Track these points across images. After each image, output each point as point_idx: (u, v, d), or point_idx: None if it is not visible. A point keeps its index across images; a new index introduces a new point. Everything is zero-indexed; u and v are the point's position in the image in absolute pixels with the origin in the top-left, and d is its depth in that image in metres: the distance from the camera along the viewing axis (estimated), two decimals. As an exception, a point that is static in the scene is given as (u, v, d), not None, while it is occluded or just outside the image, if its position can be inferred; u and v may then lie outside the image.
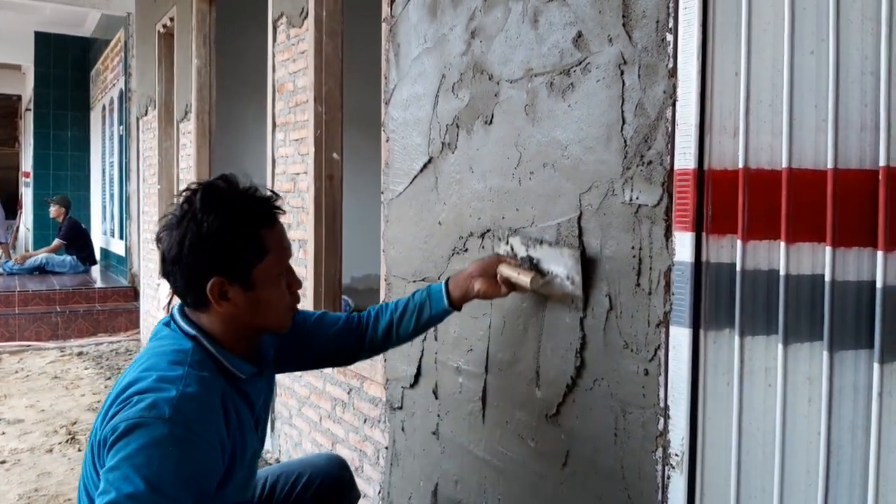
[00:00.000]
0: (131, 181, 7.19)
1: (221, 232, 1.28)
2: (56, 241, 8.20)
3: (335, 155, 2.87)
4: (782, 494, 1.23)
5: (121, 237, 7.91)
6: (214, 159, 4.56)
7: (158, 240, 1.34)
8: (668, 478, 1.39)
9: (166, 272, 1.34)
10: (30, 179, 10.51)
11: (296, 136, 3.11)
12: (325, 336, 1.72)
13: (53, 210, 8.27)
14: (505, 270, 1.67)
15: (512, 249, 1.79)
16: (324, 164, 2.89)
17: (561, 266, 1.65)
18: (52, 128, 9.95)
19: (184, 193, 1.34)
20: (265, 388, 1.50)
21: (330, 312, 1.81)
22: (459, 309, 1.74)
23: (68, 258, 8.07)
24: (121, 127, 7.68)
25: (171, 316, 1.39)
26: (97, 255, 8.67)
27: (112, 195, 8.45)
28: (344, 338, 1.74)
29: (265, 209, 1.35)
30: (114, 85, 8.10)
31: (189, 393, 1.22)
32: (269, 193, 1.38)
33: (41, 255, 8.11)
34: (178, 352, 1.30)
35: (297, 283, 1.42)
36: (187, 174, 4.78)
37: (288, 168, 3.22)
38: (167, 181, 5.41)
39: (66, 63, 9.87)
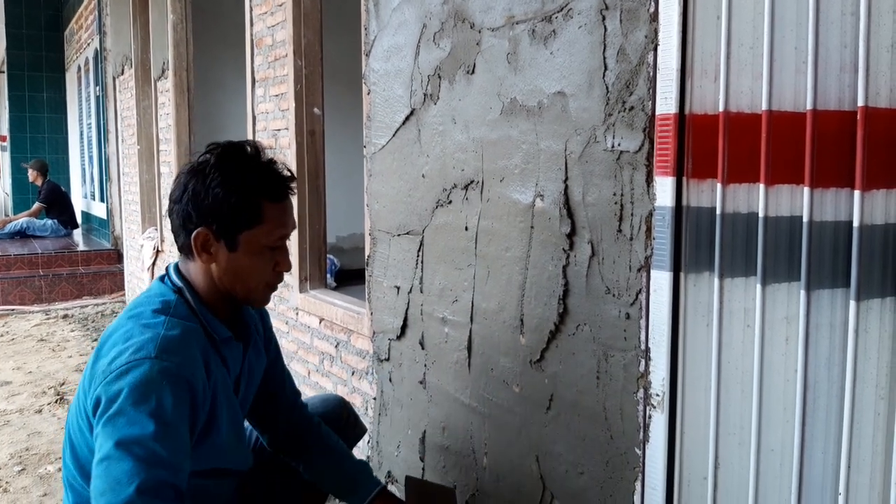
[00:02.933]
0: (110, 142, 7.08)
1: (222, 186, 1.31)
2: (36, 205, 8.10)
3: (316, 110, 2.85)
4: (760, 430, 1.27)
5: (102, 200, 7.82)
6: (194, 117, 4.50)
7: (174, 180, 1.39)
8: (650, 417, 1.43)
9: (168, 210, 1.38)
10: (6, 143, 10.31)
11: (276, 91, 3.08)
12: (276, 368, 1.68)
13: (31, 175, 8.15)
14: None
15: None
16: (305, 120, 2.87)
17: None
18: (28, 90, 9.74)
19: (206, 148, 1.38)
20: (247, 363, 1.50)
21: (301, 397, 1.76)
22: None
23: (49, 222, 7.98)
24: (97, 87, 7.53)
25: (166, 269, 1.43)
26: (78, 219, 8.58)
27: (91, 157, 8.33)
28: (278, 389, 1.69)
29: (275, 183, 1.37)
30: (88, 44, 7.91)
31: (170, 335, 1.27)
32: (287, 173, 1.40)
33: (21, 220, 8.02)
34: (163, 302, 1.34)
35: (286, 265, 1.41)
36: (167, 133, 4.72)
37: (269, 124, 3.19)
38: (146, 141, 5.34)
39: (38, 23, 9.61)
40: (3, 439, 3.19)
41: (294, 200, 3.11)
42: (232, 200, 1.31)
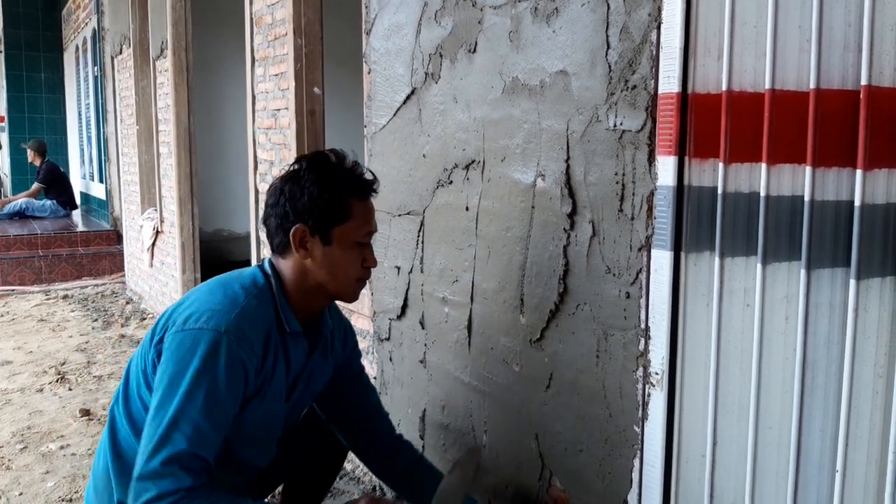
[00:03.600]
0: (109, 123, 7.05)
1: (316, 187, 1.44)
2: (35, 186, 8.09)
3: (316, 89, 2.84)
4: (758, 408, 1.28)
5: (101, 181, 7.80)
6: (193, 98, 4.47)
7: (266, 193, 1.54)
8: (649, 395, 1.44)
9: (265, 218, 1.52)
10: (4, 123, 10.27)
11: (275, 70, 3.06)
12: (348, 393, 1.76)
13: (29, 155, 8.13)
14: None
15: None
16: (304, 99, 2.86)
17: None
18: (25, 70, 9.69)
19: (297, 159, 1.53)
20: (309, 365, 1.58)
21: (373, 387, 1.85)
22: None
23: (48, 202, 7.97)
24: (95, 67, 7.48)
25: (262, 260, 1.57)
26: (77, 200, 8.57)
27: (90, 138, 8.29)
28: (358, 411, 1.77)
29: (360, 183, 1.51)
30: (86, 24, 7.86)
31: (245, 315, 1.38)
32: (370, 176, 1.54)
33: (20, 200, 8.01)
34: (252, 281, 1.47)
35: (373, 261, 1.53)
36: (166, 113, 4.70)
37: (268, 104, 3.18)
38: (145, 121, 5.32)
39: (36, 2, 9.54)
40: (4, 418, 3.21)
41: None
42: (326, 197, 1.44)
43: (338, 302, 1.63)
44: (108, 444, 1.48)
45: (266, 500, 1.94)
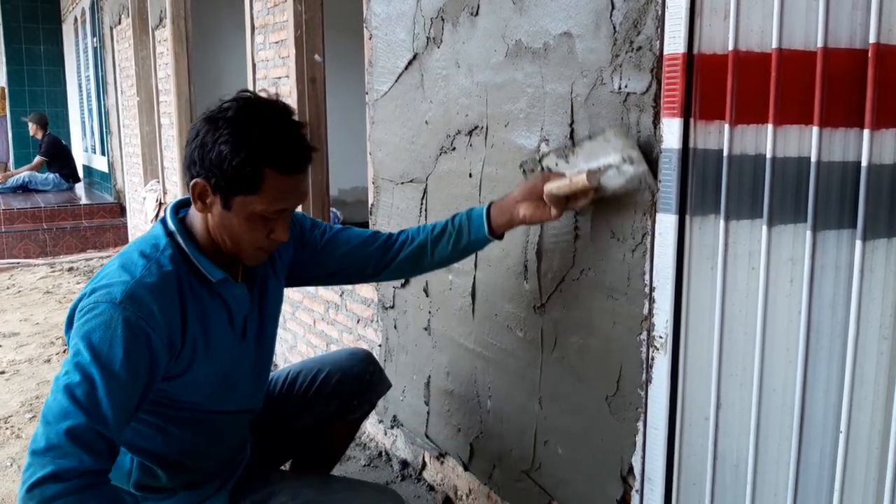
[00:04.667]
0: (109, 95, 7.01)
1: (228, 146, 1.24)
2: (37, 159, 8.07)
3: (317, 56, 2.81)
4: (762, 370, 1.28)
5: (103, 153, 7.78)
6: (193, 67, 4.44)
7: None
8: (653, 359, 1.44)
9: (184, 151, 1.35)
10: (5, 93, 10.21)
11: (275, 38, 3.03)
12: (340, 251, 1.66)
13: (31, 129, 8.10)
14: (552, 186, 1.47)
15: (550, 172, 1.59)
16: (305, 67, 2.83)
17: (611, 153, 1.43)
18: (24, 42, 9.62)
19: (239, 93, 1.31)
20: (255, 301, 1.50)
21: (354, 228, 1.71)
22: (501, 237, 1.62)
23: (51, 176, 7.96)
24: (94, 39, 7.42)
25: (166, 211, 1.41)
26: (80, 173, 8.55)
27: (91, 110, 8.25)
28: (365, 251, 1.66)
29: (287, 154, 1.28)
30: (84, -6, 7.78)
31: (144, 282, 1.26)
32: (308, 145, 1.32)
33: (23, 174, 8.00)
34: (153, 245, 1.34)
35: (282, 236, 1.36)
36: (166, 84, 4.66)
37: (269, 72, 3.15)
38: (146, 92, 5.29)
39: (32, -28, 9.45)
40: (13, 388, 3.24)
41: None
42: (235, 162, 1.24)
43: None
44: None
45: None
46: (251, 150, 1.24)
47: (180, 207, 1.44)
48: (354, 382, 1.82)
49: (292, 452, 1.90)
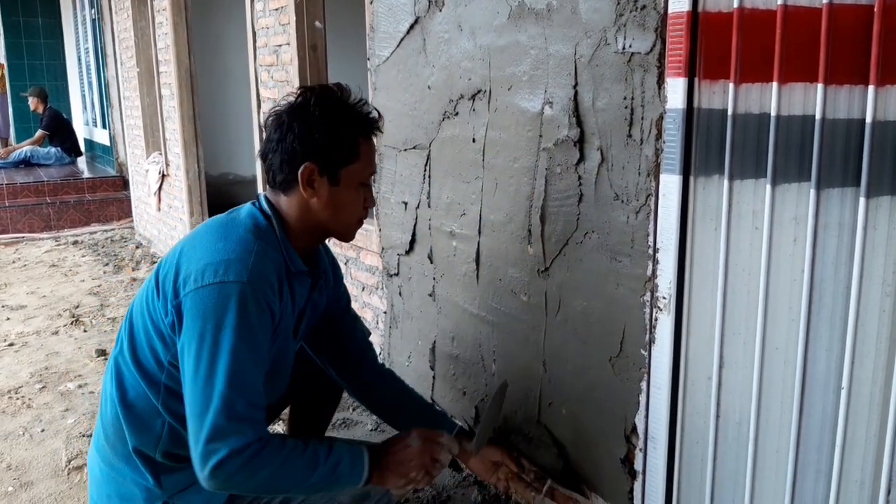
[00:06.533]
0: (109, 67, 6.96)
1: (327, 125, 1.39)
2: (39, 133, 8.04)
3: (317, 23, 2.78)
4: (765, 329, 1.29)
5: (104, 126, 7.75)
6: (193, 37, 4.40)
7: (265, 123, 1.47)
8: (656, 319, 1.45)
9: (265, 151, 1.45)
10: (4, 71, 10.15)
11: (275, 4, 3.00)
12: (339, 326, 1.75)
13: (31, 103, 8.05)
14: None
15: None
16: (306, 34, 2.80)
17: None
18: (22, 15, 9.52)
19: (298, 90, 1.46)
20: (311, 300, 1.57)
21: (359, 321, 1.82)
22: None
23: (53, 150, 7.94)
24: (93, 10, 7.34)
25: (258, 197, 1.49)
26: (82, 146, 8.53)
27: (90, 83, 8.20)
28: (348, 342, 1.76)
29: (367, 121, 1.46)
30: (80, -36, 7.69)
31: (261, 261, 1.35)
32: (374, 112, 1.49)
33: (25, 148, 7.98)
34: (255, 224, 1.42)
35: (372, 201, 1.52)
36: (166, 54, 4.63)
37: (269, 40, 3.12)
38: (146, 63, 5.25)
39: (28, -57, 9.32)
40: (22, 359, 3.27)
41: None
42: (337, 138, 1.40)
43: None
44: (116, 395, 1.45)
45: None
46: (347, 124, 1.42)
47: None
48: None
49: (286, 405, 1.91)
